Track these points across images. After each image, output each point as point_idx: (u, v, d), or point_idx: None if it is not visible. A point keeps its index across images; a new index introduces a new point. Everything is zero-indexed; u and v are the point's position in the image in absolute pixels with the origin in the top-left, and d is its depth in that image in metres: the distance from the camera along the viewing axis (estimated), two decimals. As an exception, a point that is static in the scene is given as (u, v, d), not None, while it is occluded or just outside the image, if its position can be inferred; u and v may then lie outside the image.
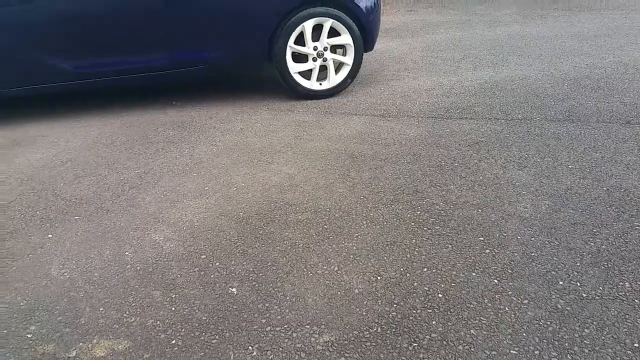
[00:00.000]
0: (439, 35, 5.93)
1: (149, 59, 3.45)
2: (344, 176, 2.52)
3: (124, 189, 2.49)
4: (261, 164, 2.71)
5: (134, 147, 3.01)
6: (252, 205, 2.28)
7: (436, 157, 2.68)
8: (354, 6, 3.59)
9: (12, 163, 2.87)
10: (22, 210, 2.34)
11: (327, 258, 1.87)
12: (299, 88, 3.72)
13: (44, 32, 3.23)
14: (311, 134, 3.09)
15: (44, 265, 1.91)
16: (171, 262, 1.89)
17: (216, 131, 3.23)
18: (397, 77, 4.26)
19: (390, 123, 3.22)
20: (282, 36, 3.54)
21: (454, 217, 2.10)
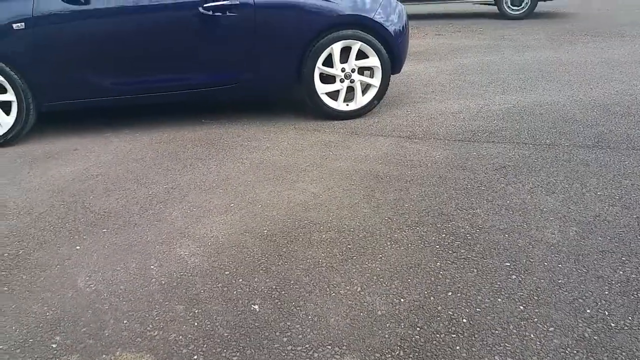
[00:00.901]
0: (467, 59, 5.92)
1: (183, 78, 3.54)
2: (368, 196, 2.51)
3: (151, 204, 2.53)
4: (286, 182, 2.73)
5: (163, 163, 3.07)
6: (277, 223, 2.29)
7: (462, 180, 2.65)
8: (382, 29, 3.62)
9: (45, 175, 2.95)
10: (52, 221, 2.39)
11: (350, 278, 1.86)
12: (326, 108, 3.75)
13: (86, 51, 3.34)
14: (337, 154, 3.11)
15: (71, 276, 1.95)
16: (195, 277, 1.91)
17: (243, 149, 3.27)
18: (423, 100, 4.26)
19: (416, 145, 3.21)
20: (311, 58, 3.59)
21: (480, 241, 2.07)
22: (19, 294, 1.85)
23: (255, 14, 3.45)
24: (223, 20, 3.43)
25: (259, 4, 3.43)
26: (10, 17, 3.21)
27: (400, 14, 3.76)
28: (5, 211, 2.51)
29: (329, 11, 3.51)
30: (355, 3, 3.57)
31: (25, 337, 1.63)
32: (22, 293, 1.85)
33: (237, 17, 3.43)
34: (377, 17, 3.59)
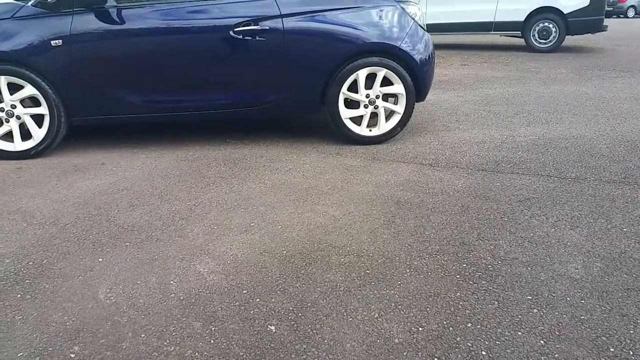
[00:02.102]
0: (492, 89, 5.92)
1: (211, 98, 3.62)
2: (389, 222, 2.51)
3: (174, 220, 2.57)
4: (307, 204, 2.74)
5: (187, 180, 3.11)
6: (296, 245, 2.29)
7: (485, 211, 2.63)
8: (408, 57, 3.66)
9: (72, 187, 3.02)
10: (77, 233, 2.44)
11: (368, 304, 1.85)
12: (349, 133, 3.78)
13: (118, 69, 3.45)
14: (358, 179, 3.12)
15: (92, 287, 1.98)
16: (213, 294, 1.92)
17: (265, 169, 3.30)
18: (447, 128, 4.26)
19: (439, 173, 3.20)
20: (336, 83, 3.64)
21: (502, 273, 2.04)
22: (41, 303, 1.88)
23: (284, 38, 3.52)
24: (252, 43, 3.51)
25: (288, 30, 3.51)
26: (50, 33, 3.34)
27: (426, 43, 3.80)
28: (33, 221, 2.57)
29: (356, 38, 3.57)
30: (383, 31, 3.62)
31: (45, 346, 1.65)
32: (44, 302, 1.88)
33: (266, 41, 3.51)
34: (404, 45, 3.63)
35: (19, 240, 2.36)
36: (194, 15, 3.50)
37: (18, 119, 3.47)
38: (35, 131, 3.51)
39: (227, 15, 3.49)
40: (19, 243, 2.34)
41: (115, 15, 3.41)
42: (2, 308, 1.85)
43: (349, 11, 3.59)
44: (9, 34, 3.33)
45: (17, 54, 3.32)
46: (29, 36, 3.34)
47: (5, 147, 3.53)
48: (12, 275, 2.06)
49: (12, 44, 3.32)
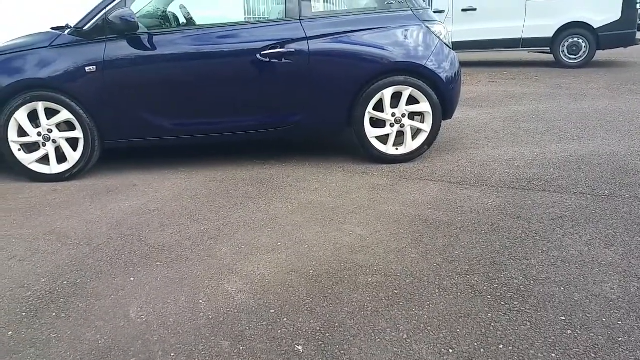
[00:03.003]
0: (522, 106, 5.85)
1: (239, 120, 3.68)
2: (416, 241, 2.49)
3: (203, 240, 2.60)
4: (334, 223, 2.74)
5: (215, 201, 3.16)
6: (323, 264, 2.29)
7: (516, 229, 2.59)
8: (434, 76, 3.66)
9: (105, 208, 3.10)
10: (110, 253, 2.49)
11: (397, 324, 1.83)
12: (375, 152, 3.78)
13: (150, 94, 3.55)
14: (385, 197, 3.11)
15: (124, 306, 2.01)
16: (241, 313, 1.93)
17: (292, 189, 3.32)
18: (476, 146, 4.22)
19: (468, 191, 3.17)
20: (362, 103, 3.66)
21: (534, 293, 1.99)
22: (75, 321, 1.92)
23: (310, 60, 3.57)
24: (279, 66, 3.57)
25: (313, 51, 3.56)
26: (84, 60, 3.47)
27: (452, 61, 3.79)
28: (67, 241, 2.64)
29: (381, 58, 3.59)
30: (408, 50, 3.63)
31: (77, 364, 1.69)
32: (77, 320, 1.93)
33: (292, 63, 3.56)
34: (430, 64, 3.64)
35: (54, 260, 2.43)
36: (222, 40, 3.59)
37: (54, 143, 3.59)
38: (70, 154, 3.62)
39: (254, 39, 3.57)
40: (54, 263, 2.40)
41: (146, 41, 3.52)
42: (38, 326, 1.90)
43: (374, 32, 3.63)
44: (46, 61, 3.47)
45: (54, 80, 3.46)
46: (65, 63, 3.47)
47: (41, 169, 3.65)
48: (48, 295, 2.12)
49: (50, 71, 3.45)
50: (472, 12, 9.51)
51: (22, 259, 2.45)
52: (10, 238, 2.71)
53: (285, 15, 3.65)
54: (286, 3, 3.65)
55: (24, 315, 1.98)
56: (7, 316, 1.97)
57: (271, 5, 5.69)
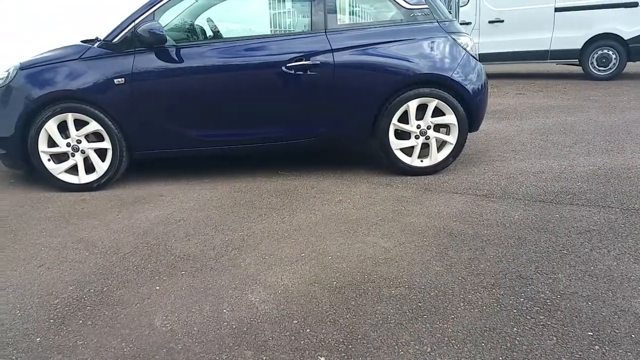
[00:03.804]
0: (550, 119, 5.76)
1: (264, 131, 3.72)
2: (441, 254, 2.46)
3: (227, 250, 2.62)
4: (357, 235, 2.73)
5: (239, 211, 3.18)
6: (346, 275, 2.28)
7: (543, 243, 2.53)
8: (460, 88, 3.63)
9: (132, 218, 3.15)
10: (136, 261, 2.53)
11: (420, 337, 1.81)
12: (400, 164, 3.77)
13: (176, 105, 3.61)
14: (409, 209, 3.08)
15: (149, 315, 2.03)
16: (264, 323, 1.93)
17: (316, 200, 3.33)
18: (502, 159, 4.16)
19: (494, 204, 3.12)
20: (387, 114, 3.65)
21: (561, 307, 1.95)
22: (101, 329, 1.95)
23: (335, 72, 3.59)
24: (304, 78, 3.59)
25: (338, 63, 3.58)
26: (113, 72, 3.55)
27: (479, 73, 3.77)
28: (95, 250, 2.69)
29: (406, 70, 3.59)
30: (434, 62, 3.62)
31: (102, 371, 1.71)
32: (103, 328, 1.95)
33: (317, 75, 3.58)
34: (456, 76, 3.62)
35: (81, 269, 2.47)
36: (248, 52, 3.64)
37: (83, 153, 3.68)
38: (98, 165, 3.70)
39: (280, 51, 3.60)
40: (82, 271, 2.45)
41: (174, 54, 3.59)
42: (65, 333, 1.93)
43: (399, 43, 3.63)
44: (76, 73, 3.56)
45: (84, 92, 3.55)
46: (94, 75, 3.56)
47: (70, 179, 3.73)
48: (75, 302, 2.16)
49: (79, 83, 3.55)
50: (499, 23, 9.45)
51: (51, 267, 2.51)
52: (40, 246, 2.77)
53: (311, 27, 3.68)
54: (312, 16, 3.68)
55: (52, 322, 2.01)
56: (36, 322, 2.01)
57: (297, 18, 5.75)
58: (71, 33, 5.53)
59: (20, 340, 1.89)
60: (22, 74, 3.62)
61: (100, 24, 5.84)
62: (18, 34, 5.15)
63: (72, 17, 5.59)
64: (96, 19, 5.85)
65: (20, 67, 3.66)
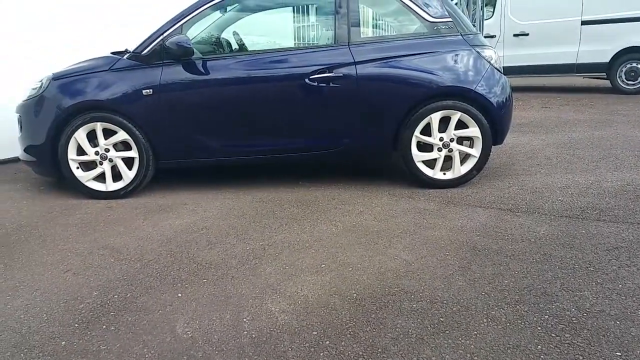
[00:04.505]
0: (576, 133, 5.67)
1: (287, 142, 3.75)
2: (464, 269, 2.43)
3: (248, 259, 2.63)
4: (378, 247, 2.72)
5: (261, 221, 3.20)
6: (366, 288, 2.27)
7: (569, 259, 2.49)
8: (484, 101, 3.61)
9: (157, 226, 3.19)
10: (159, 269, 2.56)
11: (442, 353, 1.78)
12: (422, 176, 3.75)
13: (202, 116, 3.67)
14: (431, 223, 3.06)
15: (171, 322, 2.05)
16: (284, 334, 1.93)
17: (337, 212, 3.33)
18: (527, 173, 4.11)
19: (519, 219, 3.08)
20: (409, 126, 3.64)
21: (587, 326, 1.90)
22: (124, 335, 1.97)
23: (357, 84, 3.60)
24: (327, 90, 3.62)
25: (361, 76, 3.60)
26: (142, 83, 3.63)
27: (503, 86, 3.74)
28: (119, 257, 2.74)
29: (429, 82, 3.58)
30: (458, 75, 3.61)
31: (124, 376, 1.73)
32: (126, 334, 1.98)
33: (340, 87, 3.60)
34: (480, 88, 3.60)
35: (106, 275, 2.52)
36: (272, 65, 3.68)
37: (110, 162, 3.76)
38: (125, 173, 3.77)
39: (303, 64, 3.64)
40: (106, 277, 2.49)
41: (200, 66, 3.66)
42: (89, 338, 1.96)
43: (423, 56, 3.63)
44: (106, 84, 3.66)
45: (112, 102, 3.63)
46: (123, 86, 3.64)
47: (98, 187, 3.81)
48: (99, 308, 2.19)
49: (108, 93, 3.63)
50: (524, 37, 9.38)
51: (77, 273, 2.56)
52: (67, 252, 2.83)
53: (334, 40, 3.71)
54: (335, 29, 3.71)
55: (77, 326, 2.05)
56: (61, 326, 2.05)
57: (321, 31, 5.80)
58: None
59: (46, 343, 1.93)
60: (54, 84, 3.73)
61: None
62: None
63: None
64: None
65: (53, 77, 3.78)
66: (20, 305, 2.24)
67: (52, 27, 5.52)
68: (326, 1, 3.85)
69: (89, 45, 5.73)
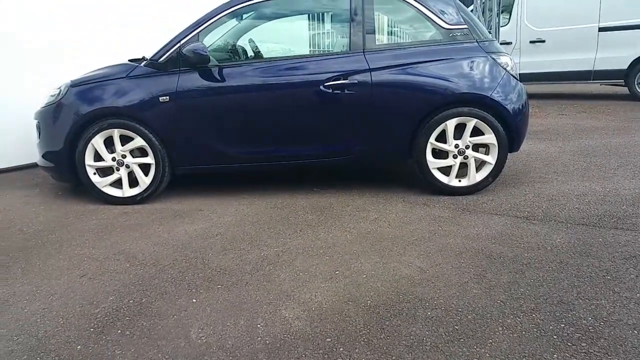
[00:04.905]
0: (593, 140, 5.60)
1: (301, 148, 3.77)
2: (479, 276, 2.41)
3: (262, 265, 2.64)
4: (392, 254, 2.71)
5: (275, 227, 3.21)
6: (381, 295, 2.26)
7: (586, 268, 2.45)
8: (500, 107, 3.59)
9: (172, 231, 3.22)
10: (174, 274, 2.58)
11: (456, 361, 1.77)
12: (437, 183, 3.73)
13: (218, 123, 3.70)
14: (446, 230, 3.04)
15: (186, 327, 2.07)
16: (298, 340, 1.93)
17: (351, 218, 3.32)
18: (544, 180, 4.07)
19: (535, 226, 3.05)
20: (424, 133, 3.64)
21: (604, 335, 1.87)
22: (139, 339, 1.99)
23: (372, 91, 3.61)
24: (341, 97, 3.63)
25: (376, 82, 3.60)
26: (158, 91, 3.67)
27: (519, 93, 3.71)
28: (135, 262, 2.76)
29: (444, 89, 3.57)
30: (473, 82, 3.59)
31: (139, 380, 1.74)
32: (141, 339, 1.99)
33: (355, 94, 3.61)
34: (495, 95, 3.58)
35: (121, 280, 2.54)
36: (288, 72, 3.70)
37: (127, 168, 3.80)
38: (142, 179, 3.81)
39: (318, 71, 3.65)
40: (122, 282, 2.51)
41: (216, 73, 3.69)
42: (104, 342, 1.98)
43: (438, 63, 3.63)
44: (123, 91, 3.71)
45: (130, 109, 3.68)
46: (140, 93, 3.69)
47: (114, 193, 3.86)
48: (114, 312, 2.21)
49: (126, 100, 3.68)
50: (540, 43, 9.31)
51: (93, 277, 2.58)
52: (83, 257, 2.86)
53: (350, 48, 3.72)
54: (350, 36, 3.73)
55: (92, 330, 2.07)
56: (77, 331, 2.07)
57: (336, 38, 5.82)
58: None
59: (62, 348, 1.95)
60: (72, 91, 3.79)
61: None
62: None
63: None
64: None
65: (71, 84, 3.84)
66: (37, 309, 2.27)
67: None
68: (342, 9, 3.86)
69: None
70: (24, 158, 5.37)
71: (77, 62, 5.30)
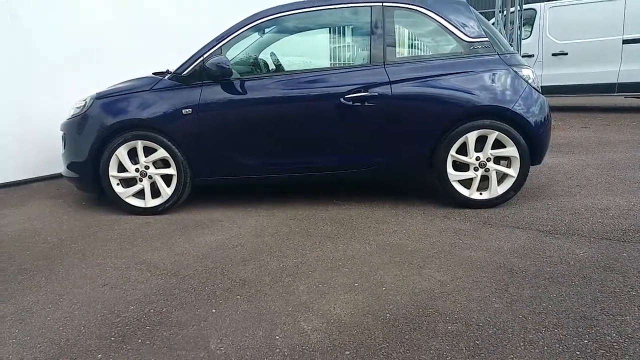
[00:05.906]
0: (617, 153, 5.51)
1: (321, 160, 3.78)
2: (501, 291, 2.38)
3: (281, 276, 2.65)
4: (412, 267, 2.69)
5: (294, 238, 3.22)
6: (400, 308, 2.25)
7: (610, 283, 2.40)
8: (522, 120, 3.56)
9: (193, 242, 3.25)
10: (194, 284, 2.60)
11: (477, 376, 1.74)
12: (458, 196, 3.70)
13: (239, 135, 3.74)
14: (467, 243, 3.01)
15: (205, 337, 2.08)
16: (316, 352, 1.92)
17: (371, 230, 3.31)
18: (567, 194, 4.01)
19: (558, 240, 3.00)
20: (445, 145, 3.62)
21: (629, 352, 1.83)
22: (158, 349, 2.01)
23: (392, 103, 3.61)
24: (361, 109, 3.64)
25: (396, 95, 3.60)
26: (181, 103, 3.74)
27: (541, 106, 3.68)
28: (156, 272, 2.79)
29: (465, 101, 3.56)
30: (495, 94, 3.57)
31: (159, 389, 1.75)
32: (161, 348, 2.01)
33: (375, 106, 3.62)
34: (517, 108, 3.55)
35: (143, 289, 2.57)
36: (308, 84, 3.73)
37: (150, 179, 3.86)
38: (164, 190, 3.86)
39: (339, 83, 3.68)
40: (143, 291, 2.54)
41: (238, 86, 3.74)
42: (124, 351, 2.00)
43: (459, 75, 3.62)
44: (147, 104, 3.78)
45: (153, 121, 3.74)
46: (163, 106, 3.76)
47: (137, 203, 3.91)
48: (135, 321, 2.24)
49: (150, 112, 3.75)
50: (563, 56, 9.22)
51: (114, 287, 2.62)
52: (105, 266, 2.91)
53: (370, 60, 3.74)
54: (371, 49, 3.74)
55: (113, 339, 2.10)
56: (98, 339, 2.10)
57: (356, 51, 5.84)
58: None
59: (83, 356, 1.98)
60: (97, 103, 3.88)
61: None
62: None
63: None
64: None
65: (96, 96, 3.93)
66: (60, 317, 2.31)
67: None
68: (362, 22, 3.89)
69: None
70: (49, 169, 5.49)
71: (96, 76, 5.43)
